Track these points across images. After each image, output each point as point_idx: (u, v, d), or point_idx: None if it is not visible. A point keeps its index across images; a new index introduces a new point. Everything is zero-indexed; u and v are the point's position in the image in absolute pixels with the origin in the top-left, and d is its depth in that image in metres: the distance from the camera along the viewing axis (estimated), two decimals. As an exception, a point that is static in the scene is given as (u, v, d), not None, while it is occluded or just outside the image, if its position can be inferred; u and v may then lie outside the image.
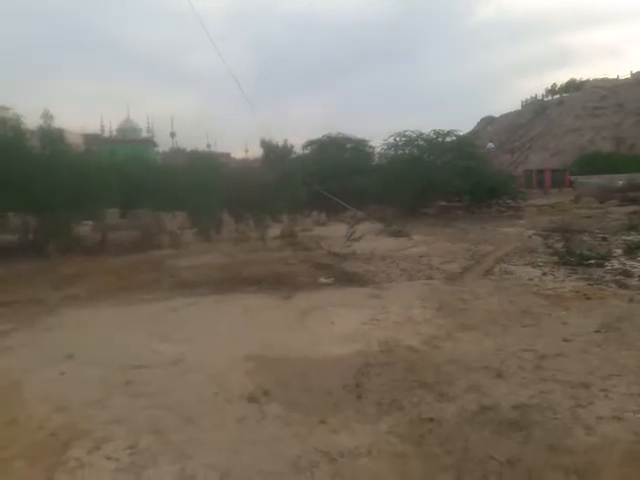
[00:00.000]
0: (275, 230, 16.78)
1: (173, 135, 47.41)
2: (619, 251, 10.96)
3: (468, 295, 7.60)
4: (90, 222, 16.47)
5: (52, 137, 13.10)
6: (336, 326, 6.18)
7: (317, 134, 32.15)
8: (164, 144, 44.59)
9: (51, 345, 5.69)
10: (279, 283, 9.24)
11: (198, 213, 16.74)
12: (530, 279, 8.81)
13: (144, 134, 43.89)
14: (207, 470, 3.00)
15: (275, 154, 35.25)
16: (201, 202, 16.79)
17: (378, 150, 29.88)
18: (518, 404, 3.79)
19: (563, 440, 3.26)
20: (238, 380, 4.51)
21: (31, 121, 13.59)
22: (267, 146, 36.69)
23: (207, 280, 9.57)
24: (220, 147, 43.97)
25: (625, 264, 9.66)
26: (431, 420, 3.62)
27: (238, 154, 45.50)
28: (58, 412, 3.87)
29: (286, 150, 35.23)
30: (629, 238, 12.89)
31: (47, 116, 13.22)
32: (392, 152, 27.26)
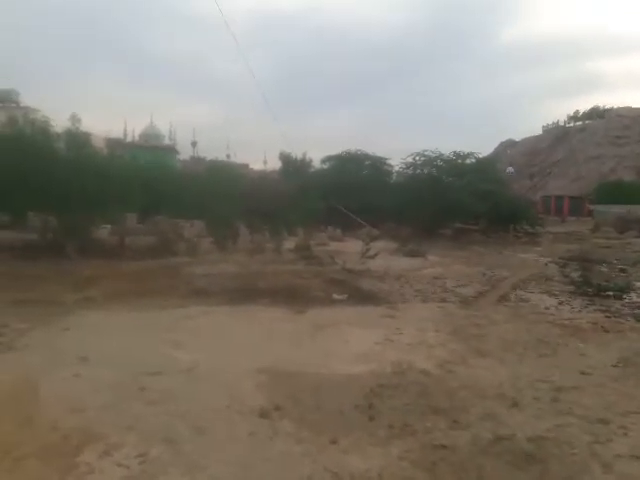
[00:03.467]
0: (290, 243, 16.82)
1: (194, 144, 47.97)
2: (638, 284, 10.78)
3: (483, 320, 7.52)
4: (109, 226, 16.70)
5: (78, 140, 13.35)
6: (349, 344, 6.15)
7: (337, 149, 32.23)
8: (185, 152, 45.09)
9: (67, 346, 5.74)
10: (293, 296, 9.25)
11: (215, 222, 16.89)
12: (546, 308, 8.69)
13: (166, 141, 44.50)
14: (222, 484, 2.99)
15: (293, 167, 35.53)
16: (219, 211, 16.97)
17: (396, 168, 29.89)
18: (534, 436, 3.72)
19: (580, 477, 3.20)
20: (250, 392, 4.51)
21: (57, 123, 13.90)
22: (286, 159, 37.02)
23: (222, 289, 9.61)
24: (239, 158, 44.24)
25: (644, 298, 9.50)
26: (444, 447, 3.57)
27: (256, 165, 45.82)
28: (72, 414, 3.90)
29: (304, 164, 35.49)
30: (649, 271, 12.69)
31: (75, 119, 13.49)
32: (410, 171, 27.24)
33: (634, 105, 55.05)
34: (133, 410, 4.04)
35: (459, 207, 23.16)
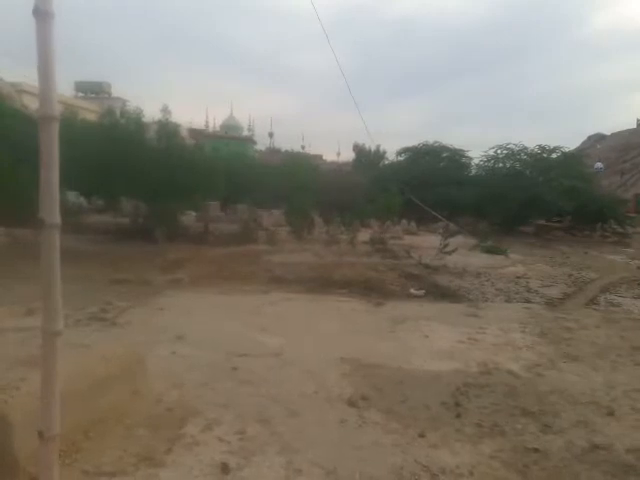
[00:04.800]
0: (364, 235, 16.84)
1: (271, 135, 49.06)
2: None
3: (572, 324, 7.20)
4: (194, 213, 17.55)
5: (169, 131, 14.09)
6: (430, 340, 6.12)
7: (413, 141, 31.73)
8: (262, 142, 46.22)
9: (163, 324, 6.16)
10: (369, 289, 9.30)
11: (292, 212, 17.26)
12: (641, 314, 8.17)
13: (245, 132, 45.84)
14: (313, 466, 3.12)
15: (367, 159, 35.33)
16: (295, 202, 17.33)
17: (476, 161, 28.97)
18: (633, 447, 3.56)
19: (687, 494, 3.03)
20: (336, 381, 4.62)
21: (146, 114, 14.72)
22: (359, 150, 36.89)
23: (300, 278, 9.86)
24: (313, 149, 44.70)
25: None
26: (536, 451, 3.50)
27: (330, 156, 46.04)
28: (173, 389, 4.20)
29: (378, 156, 35.24)
30: None
31: (166, 111, 14.24)
32: (491, 164, 26.31)
33: None
34: (227, 389, 4.28)
35: (542, 203, 22.12)
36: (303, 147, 45.25)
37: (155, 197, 13.86)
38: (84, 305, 6.75)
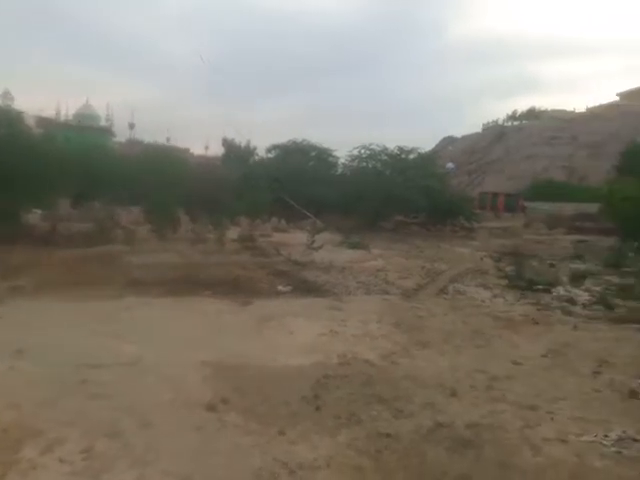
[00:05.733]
0: (233, 233, 16.61)
1: (132, 126, 46.05)
2: (565, 278, 11.50)
3: (424, 312, 7.80)
4: (39, 211, 15.79)
5: (10, 118, 12.51)
6: (295, 336, 6.21)
7: (284, 138, 32.03)
8: (122, 134, 43.20)
9: (-2, 338, 5.44)
10: (237, 288, 9.18)
11: (154, 209, 16.35)
12: (482, 300, 9.13)
13: (102, 122, 42.55)
14: (166, 477, 2.96)
15: (236, 154, 34.86)
16: (158, 198, 16.44)
17: (342, 161, 30.14)
18: (471, 423, 3.93)
19: (512, 459, 3.42)
20: (196, 386, 4.47)
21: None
22: (229, 145, 36.17)
23: (162, 280, 9.38)
24: (180, 142, 42.82)
25: (570, 292, 10.16)
26: (388, 435, 3.70)
27: (197, 150, 44.52)
28: (9, 409, 3.72)
29: (248, 151, 34.96)
30: (575, 266, 13.57)
31: (7, 96, 12.63)
32: (356, 164, 27.59)
33: (567, 108, 58.51)
34: (74, 404, 3.91)
35: (400, 201, 23.74)
36: (168, 139, 43.12)
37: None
38: None
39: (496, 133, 55.96)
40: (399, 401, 4.32)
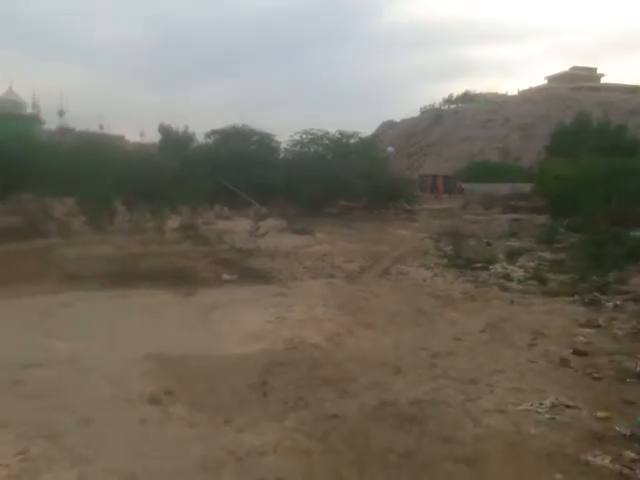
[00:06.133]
0: (174, 222, 16.17)
1: (62, 113, 43.67)
2: (501, 256, 12.02)
3: (368, 294, 7.94)
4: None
5: None
6: (240, 324, 6.16)
7: (221, 123, 31.27)
8: (52, 122, 40.89)
9: None
10: (179, 279, 8.96)
11: (88, 200, 15.60)
12: (423, 280, 9.38)
13: (28, 110, 40.06)
14: (109, 474, 2.87)
15: (174, 140, 33.74)
16: (92, 188, 15.69)
17: (284, 146, 29.92)
18: (415, 399, 4.05)
19: (454, 432, 3.55)
20: (138, 380, 4.34)
21: None
22: (166, 131, 34.92)
23: (100, 273, 9.01)
24: (114, 129, 40.94)
25: (506, 268, 10.63)
26: (335, 416, 3.75)
27: (133, 137, 42.77)
28: None
29: (187, 137, 33.94)
30: (510, 244, 14.20)
31: None
32: (298, 149, 27.48)
33: (500, 91, 60.90)
34: (7, 406, 3.72)
35: (344, 186, 23.90)
36: (101, 127, 41.16)
37: None
38: None
39: (433, 116, 57.38)
40: (345, 382, 4.39)
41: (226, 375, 4.51)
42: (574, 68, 60.09)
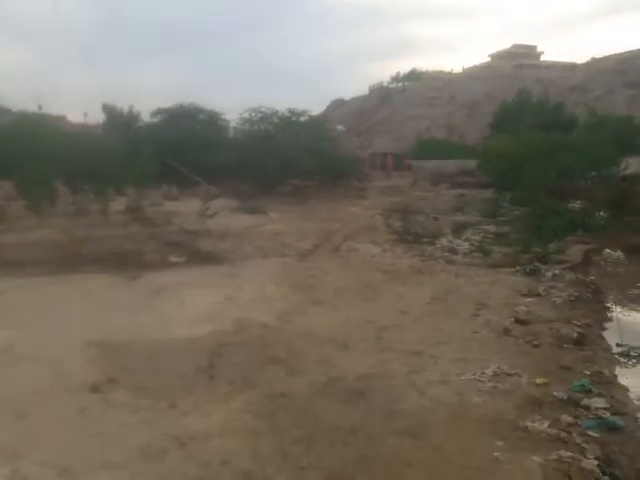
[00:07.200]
0: (119, 204, 15.61)
1: (-5, 93, 40.99)
2: (448, 230, 12.32)
3: (318, 271, 7.96)
4: None
5: None
6: (188, 307, 6.04)
7: (168, 102, 30.21)
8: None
9: None
10: (124, 262, 8.70)
11: (27, 183, 14.81)
12: (372, 256, 9.49)
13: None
14: (43, 469, 2.76)
15: (119, 120, 32.41)
16: (31, 170, 14.90)
17: (233, 124, 29.25)
18: (361, 374, 4.10)
19: (399, 405, 3.62)
20: (79, 368, 4.19)
21: None
22: (110, 111, 33.52)
23: (39, 259, 8.61)
24: (54, 109, 38.85)
25: (452, 242, 10.92)
26: (282, 395, 3.75)
27: (75, 118, 40.79)
28: None
29: (132, 117, 32.66)
30: (456, 218, 14.57)
31: None
32: (247, 127, 26.93)
33: (445, 69, 61.65)
34: None
35: (295, 165, 23.69)
36: (40, 107, 38.94)
37: None
38: None
39: (382, 95, 57.63)
40: (293, 360, 4.39)
41: (172, 359, 4.42)
42: (515, 46, 61.46)
